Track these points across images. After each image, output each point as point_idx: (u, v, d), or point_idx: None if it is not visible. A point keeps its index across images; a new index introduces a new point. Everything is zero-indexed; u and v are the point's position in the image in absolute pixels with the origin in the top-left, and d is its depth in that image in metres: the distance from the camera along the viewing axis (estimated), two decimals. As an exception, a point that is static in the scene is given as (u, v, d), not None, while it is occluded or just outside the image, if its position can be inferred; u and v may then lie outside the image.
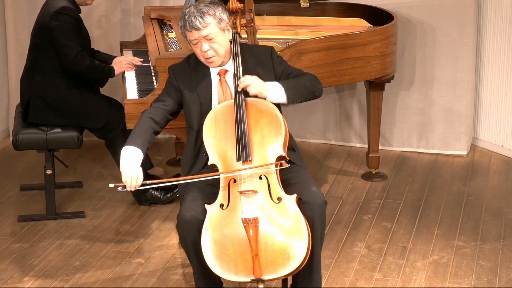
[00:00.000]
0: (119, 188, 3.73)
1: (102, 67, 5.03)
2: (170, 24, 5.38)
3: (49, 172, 4.95)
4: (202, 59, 3.95)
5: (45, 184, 4.98)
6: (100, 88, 5.27)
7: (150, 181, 3.76)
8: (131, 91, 4.73)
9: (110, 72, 5.05)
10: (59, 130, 4.92)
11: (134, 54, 5.34)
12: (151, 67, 4.96)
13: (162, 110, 3.93)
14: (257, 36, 4.65)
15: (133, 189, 3.72)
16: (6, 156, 6.01)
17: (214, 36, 3.87)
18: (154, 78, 4.87)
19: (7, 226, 4.94)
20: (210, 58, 3.91)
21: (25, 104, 5.05)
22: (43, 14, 5.01)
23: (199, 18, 3.84)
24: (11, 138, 5.02)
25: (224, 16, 3.91)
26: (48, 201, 4.98)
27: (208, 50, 3.88)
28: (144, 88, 4.76)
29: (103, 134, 5.11)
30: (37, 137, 4.88)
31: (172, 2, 6.02)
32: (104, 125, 5.05)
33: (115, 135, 5.07)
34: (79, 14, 5.03)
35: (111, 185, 3.73)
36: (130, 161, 3.74)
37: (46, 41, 4.97)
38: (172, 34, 5.22)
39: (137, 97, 4.62)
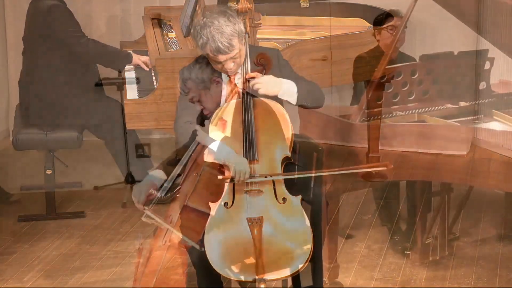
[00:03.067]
0: (227, 181, 3.65)
1: (118, 50, 5.01)
2: (170, 24, 5.38)
3: (49, 172, 4.94)
4: (219, 69, 3.88)
5: (45, 184, 4.97)
6: (119, 72, 5.20)
7: (257, 175, 3.65)
8: (131, 91, 4.73)
9: (128, 57, 5.00)
10: (59, 130, 4.91)
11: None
12: (151, 67, 4.96)
13: (197, 113, 3.90)
14: (257, 36, 4.65)
15: (240, 182, 3.63)
16: (6, 156, 6.00)
17: (239, 55, 3.80)
18: (154, 78, 4.87)
19: (7, 226, 4.93)
20: (231, 69, 3.87)
21: (26, 104, 5.04)
22: (35, 16, 4.98)
23: (226, 43, 3.72)
24: (11, 138, 5.02)
25: (242, 27, 3.81)
26: (48, 201, 4.98)
27: (232, 66, 3.85)
28: (144, 88, 4.75)
29: (103, 134, 5.11)
30: (37, 137, 4.88)
31: (172, 2, 6.01)
32: (104, 124, 5.05)
33: (114, 135, 5.06)
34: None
35: (220, 177, 3.64)
36: (233, 152, 3.69)
37: (43, 42, 4.95)
38: (172, 34, 5.21)
39: (137, 97, 4.62)
